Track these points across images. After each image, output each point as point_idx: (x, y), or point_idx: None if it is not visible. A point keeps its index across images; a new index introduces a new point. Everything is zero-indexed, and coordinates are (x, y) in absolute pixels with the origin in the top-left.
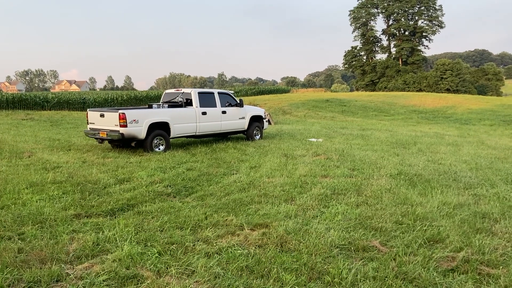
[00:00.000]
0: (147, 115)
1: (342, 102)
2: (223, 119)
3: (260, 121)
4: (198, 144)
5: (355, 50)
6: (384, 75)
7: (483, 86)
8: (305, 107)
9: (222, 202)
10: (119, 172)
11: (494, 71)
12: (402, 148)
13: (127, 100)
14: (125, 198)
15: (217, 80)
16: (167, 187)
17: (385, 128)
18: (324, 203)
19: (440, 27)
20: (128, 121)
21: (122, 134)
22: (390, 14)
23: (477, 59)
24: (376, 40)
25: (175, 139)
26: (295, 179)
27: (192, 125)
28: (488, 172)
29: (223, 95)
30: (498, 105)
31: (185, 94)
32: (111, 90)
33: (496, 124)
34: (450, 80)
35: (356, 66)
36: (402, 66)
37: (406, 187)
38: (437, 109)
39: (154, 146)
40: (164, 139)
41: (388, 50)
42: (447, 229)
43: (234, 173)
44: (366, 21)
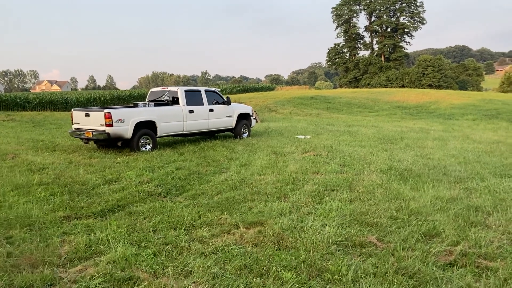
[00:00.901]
0: (133, 114)
1: (326, 99)
2: (210, 117)
3: (247, 118)
4: (185, 142)
5: (338, 47)
6: (367, 71)
7: (464, 82)
8: (291, 105)
9: (215, 200)
10: (107, 172)
11: (474, 66)
12: (390, 144)
13: (110, 100)
14: (115, 199)
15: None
16: (157, 187)
17: (370, 124)
18: (317, 200)
19: (421, 24)
20: (114, 120)
21: (108, 133)
22: (372, 11)
23: (458, 55)
24: (358, 37)
25: (161, 138)
26: (286, 176)
27: (179, 124)
28: (477, 165)
29: (210, 93)
30: (480, 100)
31: (171, 92)
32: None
33: (479, 118)
34: (432, 76)
35: (339, 63)
36: (384, 63)
37: (397, 182)
38: (420, 105)
39: (140, 145)
40: (150, 138)
41: (371, 47)
42: (442, 223)
43: (224, 172)
44: (348, 18)
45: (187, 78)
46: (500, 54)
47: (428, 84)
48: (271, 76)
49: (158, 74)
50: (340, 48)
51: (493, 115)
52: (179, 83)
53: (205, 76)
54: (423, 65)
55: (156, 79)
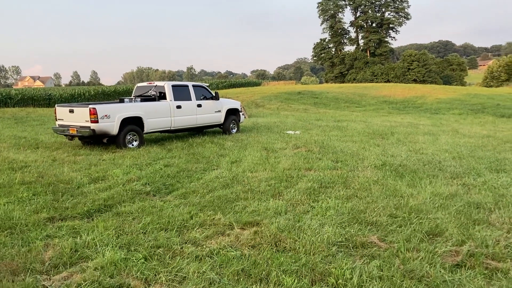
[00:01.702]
0: (119, 110)
1: (314, 94)
2: (198, 112)
3: (236, 114)
4: (173, 139)
5: (324, 42)
6: (353, 67)
7: (448, 76)
8: (278, 100)
9: (206, 199)
10: (93, 170)
11: (458, 61)
12: (381, 139)
13: (95, 96)
14: (102, 198)
15: (186, 74)
16: (146, 185)
17: (359, 119)
18: (313, 198)
19: (406, 19)
20: (99, 116)
21: (93, 130)
22: (357, 6)
23: (441, 50)
24: (344, 32)
25: (148, 135)
26: (279, 173)
27: (166, 120)
28: (471, 160)
29: (198, 88)
30: (465, 95)
31: (158, 88)
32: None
33: (465, 113)
34: (417, 71)
35: (325, 58)
36: (370, 58)
37: (393, 178)
38: (407, 100)
39: (127, 142)
40: (137, 135)
41: (356, 42)
42: (444, 221)
43: (214, 169)
44: (334, 13)
45: (173, 74)
46: (483, 49)
47: (413, 79)
48: (257, 71)
49: (143, 70)
50: (326, 43)
51: (479, 109)
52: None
53: (191, 72)
54: (408, 60)
55: (141, 74)
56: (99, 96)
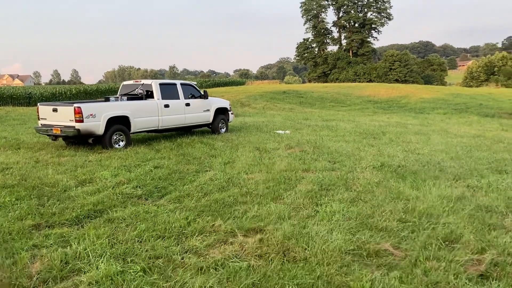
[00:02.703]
0: (105, 109)
1: (299, 93)
2: (187, 111)
3: (225, 113)
4: (160, 139)
5: (307, 42)
6: (336, 66)
7: (429, 76)
8: (263, 99)
9: (203, 203)
10: (79, 172)
11: (438, 61)
12: (373, 139)
13: (76, 94)
14: (91, 203)
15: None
16: (136, 188)
17: (347, 119)
18: (315, 201)
19: (388, 19)
20: (84, 115)
21: (78, 130)
22: (340, 6)
23: (422, 51)
24: (327, 32)
25: (134, 134)
26: (276, 175)
27: (154, 119)
28: (470, 161)
29: (186, 87)
30: (448, 94)
31: (145, 86)
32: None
33: (449, 112)
34: (399, 70)
35: (308, 58)
36: (352, 58)
37: (395, 180)
38: (391, 99)
39: (113, 142)
40: (124, 135)
41: (339, 42)
42: (458, 226)
43: (207, 170)
44: (317, 13)
45: (155, 72)
46: (462, 50)
47: (395, 79)
48: (240, 70)
49: (125, 68)
50: (309, 43)
51: (463, 109)
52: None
53: (173, 70)
54: (390, 60)
55: (122, 73)
56: (81, 95)
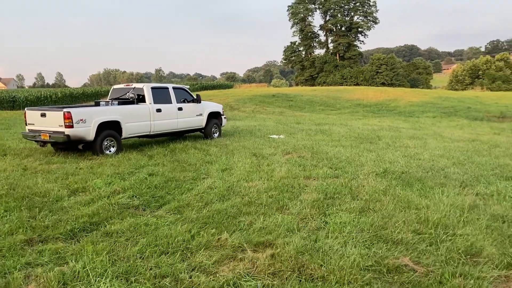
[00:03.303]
0: (96, 114)
1: (288, 97)
2: (179, 116)
3: (218, 117)
4: (152, 144)
5: (294, 46)
6: (323, 70)
7: (415, 80)
8: (253, 103)
9: (204, 214)
10: (71, 180)
11: (424, 65)
12: (369, 143)
13: (62, 98)
14: (86, 215)
15: (155, 76)
16: (133, 198)
17: (339, 123)
18: (322, 211)
19: (374, 23)
20: (74, 121)
21: (68, 135)
22: (327, 10)
23: (407, 54)
24: (314, 35)
25: (125, 140)
26: (277, 183)
27: (146, 124)
28: (473, 167)
29: (178, 90)
30: (436, 98)
31: (136, 90)
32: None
33: (438, 116)
34: (385, 74)
35: (296, 61)
36: (339, 61)
37: (401, 187)
38: (380, 103)
39: (104, 148)
40: (115, 140)
41: (326, 46)
42: (477, 238)
43: (205, 178)
44: (304, 17)
45: (141, 75)
46: (446, 53)
47: (382, 82)
48: (227, 73)
49: (110, 72)
50: (296, 47)
51: (451, 112)
52: (132, 80)
53: (159, 74)
54: (376, 63)
55: (108, 76)
56: (66, 99)
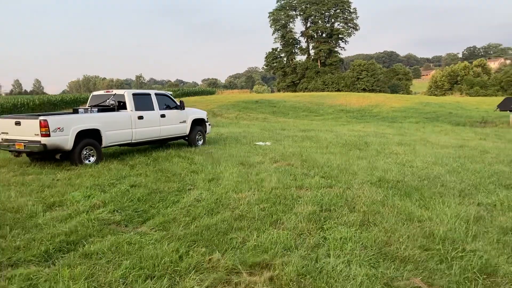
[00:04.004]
0: (74, 122)
1: (271, 103)
2: (162, 123)
3: (202, 124)
4: (134, 153)
5: (276, 52)
6: (305, 76)
7: (395, 86)
8: (235, 109)
9: (192, 231)
10: (47, 194)
11: (403, 71)
12: (358, 150)
13: (40, 105)
14: (63, 232)
15: (135, 83)
16: (114, 213)
17: (324, 129)
18: (319, 225)
19: (355, 30)
20: (51, 129)
21: (44, 145)
22: (308, 17)
23: (387, 60)
24: (295, 42)
25: (105, 148)
26: (268, 194)
27: (127, 132)
28: (468, 174)
29: (161, 97)
30: (418, 103)
31: (117, 96)
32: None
33: (421, 121)
34: (366, 80)
35: (277, 67)
36: (321, 67)
37: (399, 198)
38: (363, 108)
39: (83, 157)
40: (95, 149)
41: (307, 52)
42: (491, 255)
43: (190, 188)
44: (285, 23)
45: (121, 82)
46: (425, 59)
47: (363, 88)
48: (209, 80)
49: (90, 78)
50: (277, 53)
51: (433, 117)
52: (112, 87)
53: (140, 80)
54: (357, 69)
55: (87, 83)
56: (45, 106)
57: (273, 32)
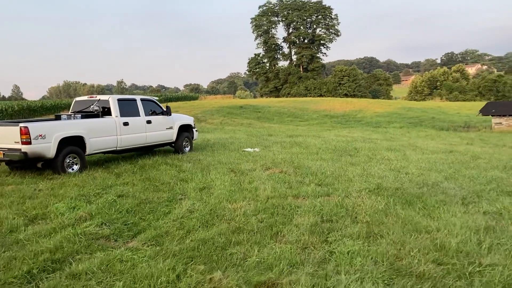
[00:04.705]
0: (57, 129)
1: (256, 108)
2: (148, 130)
3: (189, 130)
4: (119, 160)
5: (258, 57)
6: (287, 81)
7: (376, 91)
8: (220, 114)
9: (188, 246)
10: (28, 205)
11: (384, 76)
12: (349, 156)
13: (19, 111)
14: (47, 250)
15: (116, 88)
16: (102, 226)
17: (312, 134)
18: (323, 238)
19: (336, 35)
20: (32, 136)
21: (25, 153)
22: (290, 23)
23: (367, 66)
24: (278, 47)
25: (89, 156)
26: (264, 203)
27: (112, 139)
28: (466, 181)
29: (146, 102)
30: (400, 108)
31: (101, 102)
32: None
33: (405, 126)
34: (348, 85)
35: (260, 73)
36: (303, 73)
37: (401, 206)
38: (347, 113)
39: (66, 166)
40: (78, 157)
41: (290, 58)
42: (511, 270)
43: (181, 198)
44: (267, 29)
45: (102, 88)
46: (404, 65)
47: (344, 93)
48: (191, 85)
49: (70, 84)
50: (260, 58)
51: (417, 122)
52: (93, 92)
53: (121, 85)
54: (339, 75)
55: (68, 88)
56: (24, 112)
57: (255, 38)
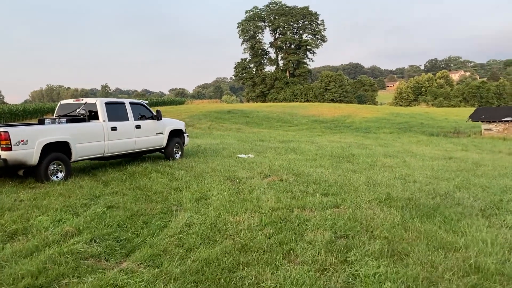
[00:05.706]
0: (40, 134)
1: (244, 113)
2: (137, 135)
3: (180, 136)
4: (106, 167)
5: (245, 62)
6: (274, 86)
7: (361, 96)
8: (208, 119)
9: (191, 267)
10: (7, 219)
11: (369, 82)
12: (348, 163)
13: (0, 115)
14: (28, 273)
15: (101, 92)
16: (91, 243)
17: (304, 140)
18: (342, 257)
19: (322, 41)
20: (13, 142)
21: (5, 160)
22: (276, 28)
23: (352, 72)
24: (264, 52)
25: (75, 162)
26: (269, 216)
27: (99, 144)
28: (480, 190)
29: (135, 106)
30: (388, 114)
31: (88, 105)
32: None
33: (395, 132)
34: (334, 91)
35: (247, 78)
36: (290, 78)
37: (419, 219)
38: (336, 119)
39: (50, 173)
40: (63, 164)
41: (276, 63)
42: None
43: (177, 209)
44: (254, 34)
45: (86, 92)
46: (389, 71)
47: (331, 98)
48: (176, 90)
49: (54, 88)
50: (247, 63)
51: (406, 128)
52: (77, 96)
53: (105, 90)
54: (325, 80)
55: (51, 92)
56: (5, 116)
57: (242, 43)
